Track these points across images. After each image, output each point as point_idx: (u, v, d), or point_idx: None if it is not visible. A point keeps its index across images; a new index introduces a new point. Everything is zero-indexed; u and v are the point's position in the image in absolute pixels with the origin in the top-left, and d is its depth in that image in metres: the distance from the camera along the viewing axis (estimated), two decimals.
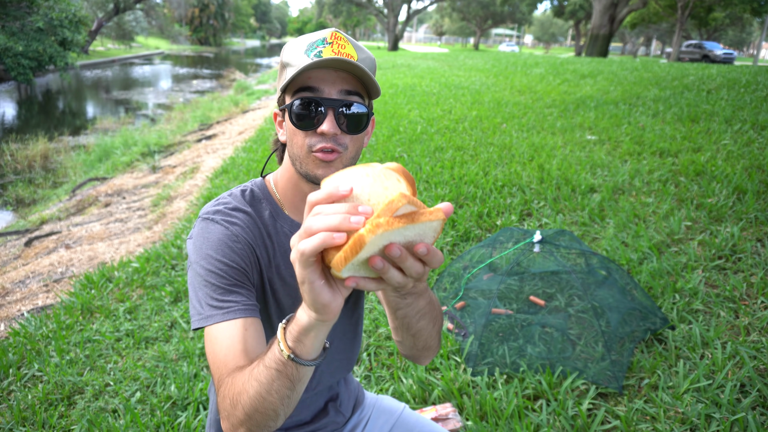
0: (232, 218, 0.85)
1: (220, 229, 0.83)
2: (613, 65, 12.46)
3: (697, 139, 4.39)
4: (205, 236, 0.83)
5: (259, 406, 0.65)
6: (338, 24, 51.89)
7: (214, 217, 0.85)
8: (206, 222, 0.84)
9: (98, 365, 2.26)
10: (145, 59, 33.42)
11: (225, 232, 0.83)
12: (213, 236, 0.82)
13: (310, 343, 0.62)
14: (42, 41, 15.91)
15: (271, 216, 0.90)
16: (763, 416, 1.63)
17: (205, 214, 0.86)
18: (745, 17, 36.27)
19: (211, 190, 4.62)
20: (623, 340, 2.01)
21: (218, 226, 0.83)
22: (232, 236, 0.83)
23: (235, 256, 0.82)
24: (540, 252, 2.29)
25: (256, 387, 0.65)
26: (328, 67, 0.80)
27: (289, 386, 0.65)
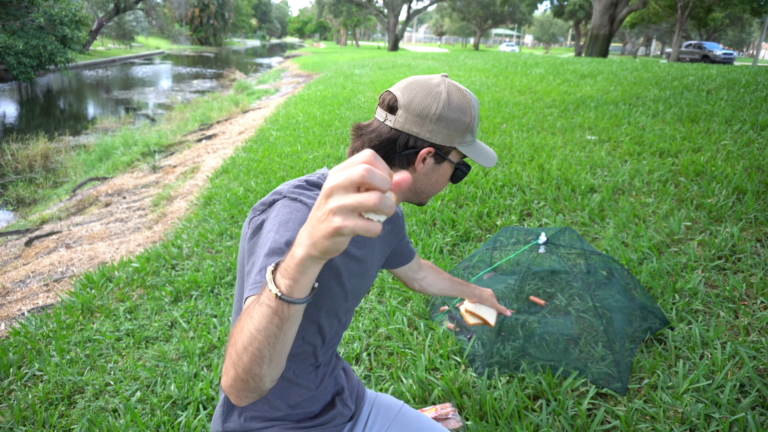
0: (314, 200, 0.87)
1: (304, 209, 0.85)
2: (613, 65, 12.47)
3: (697, 139, 4.40)
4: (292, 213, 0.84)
5: (248, 344, 0.65)
6: (338, 24, 51.85)
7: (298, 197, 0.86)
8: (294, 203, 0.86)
9: (98, 365, 2.26)
10: (145, 59, 33.42)
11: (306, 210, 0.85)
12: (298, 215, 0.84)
13: (304, 282, 0.62)
14: (42, 39, 15.92)
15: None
16: (763, 416, 1.63)
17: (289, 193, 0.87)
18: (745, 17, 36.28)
19: (212, 190, 4.62)
20: (624, 341, 2.01)
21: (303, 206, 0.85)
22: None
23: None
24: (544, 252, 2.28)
25: (249, 324, 0.66)
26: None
27: (278, 324, 0.64)
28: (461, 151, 0.98)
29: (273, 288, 0.62)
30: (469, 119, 0.96)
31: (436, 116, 0.93)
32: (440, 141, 0.95)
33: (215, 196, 4.38)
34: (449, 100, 0.94)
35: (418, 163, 0.96)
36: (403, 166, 0.97)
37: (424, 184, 1.00)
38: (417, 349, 2.17)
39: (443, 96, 0.94)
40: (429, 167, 0.98)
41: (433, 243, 2.97)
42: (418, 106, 0.93)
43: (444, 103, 0.94)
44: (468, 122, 0.96)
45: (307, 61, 25.76)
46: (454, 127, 0.95)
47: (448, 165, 1.00)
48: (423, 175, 0.98)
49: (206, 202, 4.30)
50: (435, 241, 2.99)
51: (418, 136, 0.94)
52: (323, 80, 13.42)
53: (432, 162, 0.97)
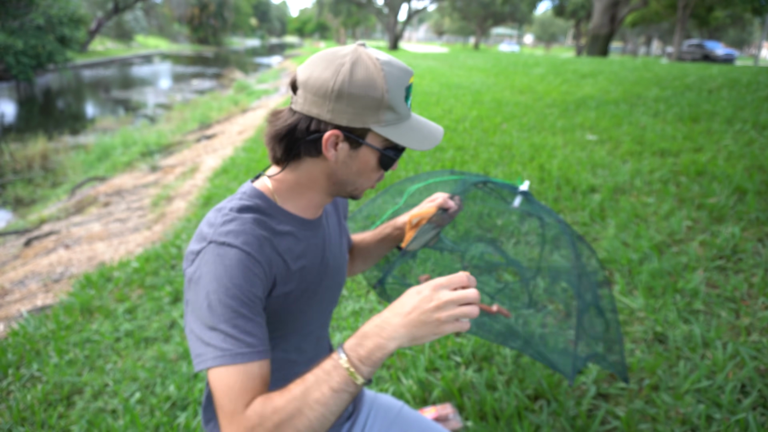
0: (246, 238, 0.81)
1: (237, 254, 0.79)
2: (614, 65, 12.46)
3: (698, 139, 4.39)
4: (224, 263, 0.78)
5: (318, 427, 0.72)
6: (338, 23, 51.87)
7: (226, 240, 0.80)
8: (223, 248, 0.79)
9: (97, 365, 2.25)
10: (144, 59, 33.42)
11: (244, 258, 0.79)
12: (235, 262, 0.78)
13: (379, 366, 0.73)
14: (41, 38, 15.93)
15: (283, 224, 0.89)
16: (764, 417, 1.62)
17: (216, 237, 0.80)
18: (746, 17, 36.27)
19: (211, 190, 4.62)
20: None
21: (234, 250, 0.79)
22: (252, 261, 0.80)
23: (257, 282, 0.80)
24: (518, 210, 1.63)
25: (321, 412, 0.71)
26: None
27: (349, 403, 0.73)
28: (380, 134, 0.83)
29: (360, 379, 0.71)
30: (379, 94, 0.80)
31: (335, 92, 0.79)
32: (346, 122, 0.81)
33: (215, 196, 4.37)
34: (352, 72, 0.79)
35: (327, 149, 0.82)
36: (311, 154, 0.84)
37: (345, 174, 0.87)
38: (417, 349, 2.16)
39: (345, 68, 0.79)
40: (345, 154, 0.84)
41: None
42: (315, 82, 0.80)
43: (344, 77, 0.79)
44: (378, 97, 0.80)
45: None
46: (361, 104, 0.80)
47: (368, 150, 0.84)
48: (341, 164, 0.85)
49: (206, 203, 4.30)
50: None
51: (319, 117, 0.81)
52: None
53: (347, 147, 0.83)
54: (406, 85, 0.84)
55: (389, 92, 0.81)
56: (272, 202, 0.89)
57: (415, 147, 0.84)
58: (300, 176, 0.88)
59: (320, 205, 0.95)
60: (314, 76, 0.80)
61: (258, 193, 0.88)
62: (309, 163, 0.87)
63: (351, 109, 0.80)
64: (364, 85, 0.79)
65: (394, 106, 0.82)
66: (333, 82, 0.79)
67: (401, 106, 0.84)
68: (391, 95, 0.81)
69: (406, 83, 0.84)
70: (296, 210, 0.91)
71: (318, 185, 0.89)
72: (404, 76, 0.83)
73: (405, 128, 0.85)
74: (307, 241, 0.93)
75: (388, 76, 0.81)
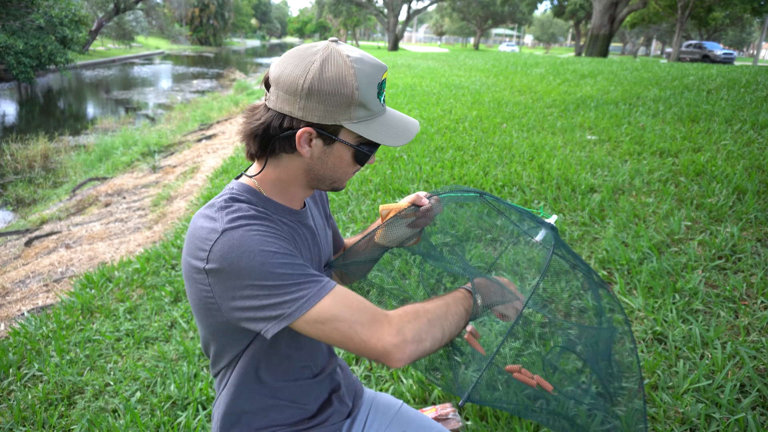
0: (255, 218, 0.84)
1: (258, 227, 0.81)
2: (613, 65, 12.46)
3: (697, 139, 4.39)
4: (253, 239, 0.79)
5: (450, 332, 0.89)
6: (338, 24, 51.86)
7: (240, 222, 0.81)
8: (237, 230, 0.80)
9: (98, 365, 2.26)
10: (145, 59, 33.42)
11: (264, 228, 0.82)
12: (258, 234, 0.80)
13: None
14: (42, 39, 15.94)
15: (274, 214, 0.92)
16: (763, 416, 1.63)
17: (227, 225, 0.81)
18: (745, 17, 36.28)
19: (211, 190, 4.62)
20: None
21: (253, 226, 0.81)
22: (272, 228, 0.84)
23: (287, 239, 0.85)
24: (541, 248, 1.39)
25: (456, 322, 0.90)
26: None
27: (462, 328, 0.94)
28: (352, 130, 0.83)
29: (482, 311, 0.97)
30: (350, 91, 0.80)
31: (305, 90, 0.80)
32: (318, 119, 0.81)
33: (215, 196, 4.38)
34: (322, 70, 0.79)
35: (301, 145, 0.84)
36: (286, 150, 0.86)
37: (322, 169, 0.88)
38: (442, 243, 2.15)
39: (315, 66, 0.80)
40: (319, 150, 0.85)
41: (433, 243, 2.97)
42: (287, 80, 0.80)
43: (315, 74, 0.79)
44: (348, 94, 0.80)
45: None
46: (331, 102, 0.80)
47: (342, 146, 0.85)
48: (317, 160, 0.87)
49: (206, 202, 4.30)
50: (435, 241, 2.99)
51: (291, 115, 0.82)
52: None
53: (321, 144, 0.85)
54: (379, 81, 0.84)
55: (359, 89, 0.81)
56: (261, 194, 0.91)
57: (387, 143, 0.84)
58: (280, 173, 0.91)
59: (302, 198, 0.98)
60: (285, 74, 0.81)
61: (246, 187, 0.91)
62: (286, 160, 0.89)
63: (322, 106, 0.80)
64: (334, 82, 0.79)
65: (365, 103, 0.82)
66: (303, 80, 0.79)
67: (373, 103, 0.84)
68: (362, 92, 0.81)
69: (378, 79, 0.83)
70: (283, 202, 0.94)
71: (298, 180, 0.91)
72: (376, 73, 0.83)
73: (377, 124, 0.85)
74: (299, 230, 0.96)
75: (358, 73, 0.80)
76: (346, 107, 0.81)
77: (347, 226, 3.38)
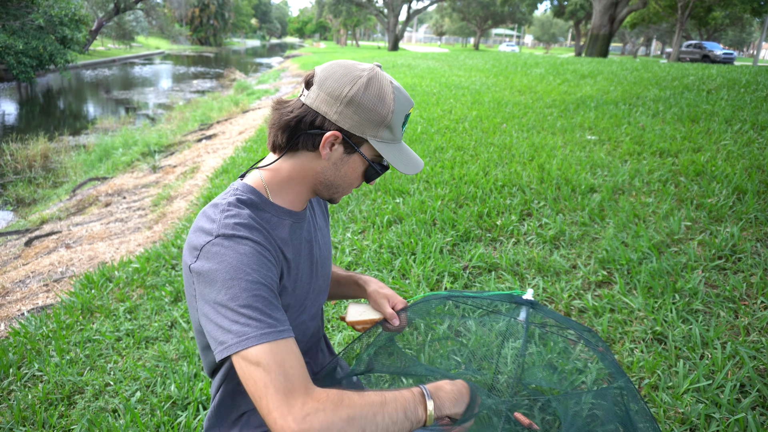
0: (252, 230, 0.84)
1: (248, 244, 0.82)
2: (613, 65, 12.47)
3: (697, 139, 4.40)
4: (239, 253, 0.80)
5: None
6: (338, 24, 51.83)
7: (235, 232, 0.82)
8: (233, 240, 0.81)
9: (98, 365, 2.26)
10: (145, 59, 33.43)
11: (256, 247, 0.83)
12: (249, 252, 0.81)
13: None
14: (42, 39, 15.95)
15: (275, 216, 0.93)
16: (763, 416, 1.63)
17: (222, 230, 0.82)
18: (745, 17, 36.27)
19: (212, 190, 4.63)
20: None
21: (245, 241, 0.82)
22: (263, 249, 0.84)
23: (272, 268, 0.85)
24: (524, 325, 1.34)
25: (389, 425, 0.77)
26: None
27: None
28: (374, 147, 0.89)
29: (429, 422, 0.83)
30: (386, 112, 0.87)
31: (347, 98, 0.86)
32: (348, 127, 0.87)
33: (215, 196, 4.37)
34: (368, 86, 0.86)
35: (324, 146, 0.88)
36: (308, 148, 0.90)
37: (333, 175, 0.92)
38: (416, 348, 2.17)
39: (362, 81, 0.86)
40: (338, 156, 0.90)
41: (433, 243, 2.97)
42: (333, 84, 0.86)
43: (360, 87, 0.86)
44: (384, 114, 0.87)
45: (307, 61, 25.76)
46: (367, 115, 0.86)
47: (359, 158, 0.91)
48: (332, 165, 0.91)
49: (206, 202, 4.30)
50: (435, 241, 2.99)
51: (326, 116, 0.87)
52: None
53: (341, 151, 0.90)
54: (407, 113, 0.92)
55: (393, 113, 0.88)
56: (264, 197, 0.93)
57: (400, 169, 0.91)
58: (293, 169, 0.93)
59: (304, 200, 0.99)
60: (333, 78, 0.87)
61: (250, 188, 0.93)
62: (303, 157, 0.92)
63: (357, 117, 0.87)
64: (375, 100, 0.87)
65: (392, 127, 0.90)
66: (349, 89, 0.86)
67: (398, 130, 0.91)
68: (394, 117, 0.89)
69: (407, 111, 0.92)
70: (285, 204, 0.95)
71: (306, 180, 0.94)
72: (407, 104, 0.92)
73: (395, 150, 0.92)
74: (297, 233, 0.97)
75: (396, 99, 0.88)
76: (377, 125, 0.88)
77: (347, 226, 3.38)
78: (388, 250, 2.98)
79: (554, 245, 2.90)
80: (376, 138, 0.89)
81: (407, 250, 2.96)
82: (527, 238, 3.01)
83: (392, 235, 3.14)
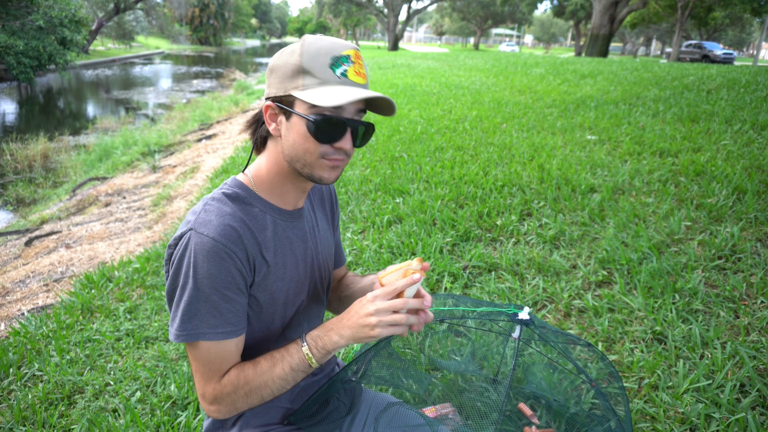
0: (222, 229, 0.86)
1: (212, 243, 0.85)
2: (613, 65, 12.47)
3: (697, 139, 4.40)
4: (204, 251, 0.85)
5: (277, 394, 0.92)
6: (338, 24, 51.82)
7: (204, 230, 0.86)
8: (201, 237, 0.85)
9: (98, 365, 2.26)
10: (145, 59, 33.42)
11: (222, 248, 0.85)
12: (212, 251, 0.85)
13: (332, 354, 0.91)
14: (42, 40, 15.95)
15: (261, 212, 0.94)
16: (763, 416, 1.63)
17: (196, 225, 0.86)
18: (745, 17, 36.28)
19: (211, 189, 4.62)
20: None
21: (210, 240, 0.85)
22: (229, 252, 0.86)
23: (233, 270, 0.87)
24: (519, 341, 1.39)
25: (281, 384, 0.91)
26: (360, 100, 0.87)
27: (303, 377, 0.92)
28: (298, 97, 0.85)
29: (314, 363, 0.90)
30: (296, 59, 0.85)
31: (270, 69, 0.90)
32: (275, 92, 0.88)
33: None
34: (282, 52, 0.89)
35: (269, 123, 0.90)
36: (270, 135, 0.94)
37: (289, 148, 0.90)
38: (416, 348, 2.17)
39: (283, 50, 0.89)
40: (284, 127, 0.89)
41: (433, 243, 2.97)
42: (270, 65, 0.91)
43: (277, 55, 0.89)
44: (294, 62, 0.85)
45: None
46: (283, 72, 0.87)
47: (298, 119, 0.86)
48: (284, 138, 0.90)
49: None
50: (435, 241, 2.99)
51: (267, 96, 0.91)
52: None
53: (283, 120, 0.89)
54: (334, 54, 0.85)
55: (303, 56, 0.85)
56: (252, 191, 0.94)
57: (325, 103, 0.82)
58: (269, 162, 0.94)
59: (298, 196, 0.98)
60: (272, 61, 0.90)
61: (239, 183, 0.94)
62: (270, 146, 0.94)
63: (276, 80, 0.88)
64: (286, 56, 0.87)
65: (310, 69, 0.84)
66: (271, 61, 0.90)
67: (320, 71, 0.84)
68: (308, 60, 0.84)
69: (333, 52, 0.85)
70: (274, 200, 0.96)
71: (281, 167, 0.94)
72: (331, 46, 0.85)
73: (324, 90, 0.84)
74: (286, 231, 0.96)
75: (306, 45, 0.86)
76: (292, 76, 0.86)
77: (347, 226, 3.38)
78: (388, 250, 2.98)
79: (554, 245, 2.90)
80: (298, 88, 0.85)
81: (407, 250, 2.96)
82: (527, 238, 3.01)
83: (392, 235, 3.14)
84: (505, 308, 1.32)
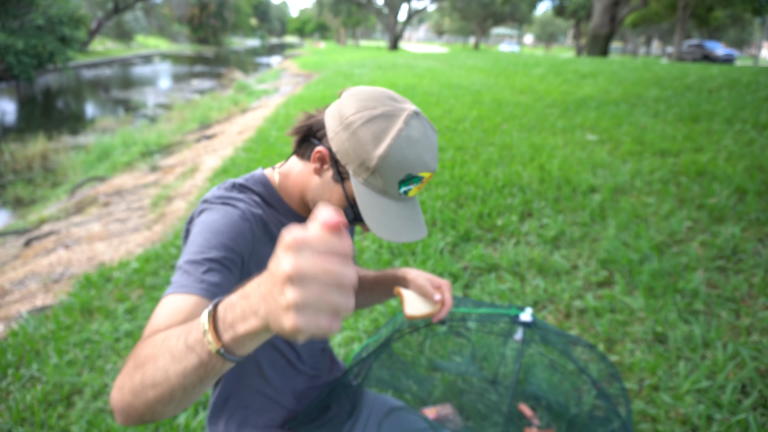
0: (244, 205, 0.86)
1: (232, 210, 0.83)
2: (614, 65, 12.46)
3: (698, 139, 4.39)
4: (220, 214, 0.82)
5: (159, 383, 0.56)
6: (338, 23, 51.82)
7: (226, 201, 0.85)
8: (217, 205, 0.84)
9: (97, 366, 2.25)
10: (144, 59, 33.41)
11: (238, 213, 0.83)
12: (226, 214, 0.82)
13: (252, 345, 0.53)
14: (42, 38, 15.96)
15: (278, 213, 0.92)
16: (764, 417, 1.62)
17: (215, 200, 0.85)
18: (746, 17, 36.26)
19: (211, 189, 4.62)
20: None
21: (231, 207, 0.84)
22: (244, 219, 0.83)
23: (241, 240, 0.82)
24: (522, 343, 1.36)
25: (168, 364, 0.55)
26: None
27: (202, 377, 0.54)
28: (354, 187, 0.80)
29: (212, 344, 0.52)
30: (373, 154, 0.77)
31: (348, 121, 0.78)
32: (336, 150, 0.80)
33: None
34: (375, 120, 0.77)
35: (314, 160, 0.84)
36: (306, 156, 0.88)
37: (316, 190, 0.87)
38: (416, 349, 2.16)
39: (374, 112, 0.78)
40: (327, 178, 0.84)
41: (433, 243, 2.96)
42: (347, 102, 0.81)
43: (367, 117, 0.77)
44: (369, 155, 0.77)
45: (306, 60, 25.75)
46: (353, 147, 0.78)
47: (341, 192, 0.83)
48: (319, 184, 0.86)
49: None
50: (435, 242, 2.98)
51: (327, 130, 0.82)
52: (323, 80, 13.41)
53: (330, 174, 0.84)
54: (411, 173, 0.79)
55: (383, 159, 0.76)
56: (274, 191, 0.92)
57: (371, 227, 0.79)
58: (298, 174, 0.91)
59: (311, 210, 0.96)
60: (354, 97, 0.81)
61: (264, 180, 0.92)
62: (304, 166, 0.89)
63: (348, 144, 0.79)
64: (370, 136, 0.77)
65: (382, 176, 0.78)
66: (354, 112, 0.78)
67: (390, 183, 0.79)
68: (383, 165, 0.77)
69: (412, 170, 0.78)
70: (294, 205, 0.94)
71: (301, 190, 0.90)
72: (415, 163, 0.78)
73: (378, 203, 0.80)
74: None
75: (395, 148, 0.76)
76: (359, 163, 0.79)
77: None
78: (388, 250, 2.98)
79: (555, 245, 2.89)
80: (359, 177, 0.80)
81: (407, 251, 2.95)
82: (528, 239, 3.00)
83: None
84: (506, 310, 1.30)
